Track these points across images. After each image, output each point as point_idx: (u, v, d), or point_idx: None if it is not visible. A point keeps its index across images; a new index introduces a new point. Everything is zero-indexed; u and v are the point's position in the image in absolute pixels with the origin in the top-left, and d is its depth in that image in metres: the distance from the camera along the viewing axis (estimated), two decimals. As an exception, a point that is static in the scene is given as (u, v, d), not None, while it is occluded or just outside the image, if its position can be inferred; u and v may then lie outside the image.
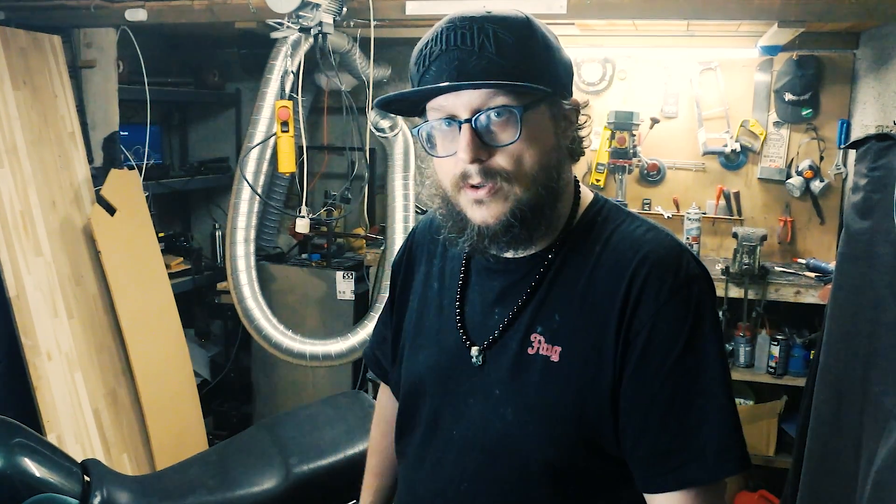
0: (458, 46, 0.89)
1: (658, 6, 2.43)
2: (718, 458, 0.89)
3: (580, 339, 0.93)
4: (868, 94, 2.87)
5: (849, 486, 1.74)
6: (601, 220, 0.99)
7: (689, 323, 0.90)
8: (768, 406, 2.90)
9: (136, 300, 2.78)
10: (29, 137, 2.56)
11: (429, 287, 1.11)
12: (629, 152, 3.06)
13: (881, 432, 1.61)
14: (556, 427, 0.93)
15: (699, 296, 0.91)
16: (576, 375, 0.92)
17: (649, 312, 0.90)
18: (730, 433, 0.90)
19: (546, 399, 0.93)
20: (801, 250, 3.17)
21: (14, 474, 1.33)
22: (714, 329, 0.91)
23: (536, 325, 0.96)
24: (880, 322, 1.68)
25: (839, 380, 1.85)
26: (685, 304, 0.90)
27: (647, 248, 0.93)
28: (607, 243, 0.96)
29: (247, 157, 2.95)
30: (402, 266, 1.17)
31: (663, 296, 0.90)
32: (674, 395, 0.89)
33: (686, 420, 0.89)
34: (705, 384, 0.89)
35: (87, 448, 2.48)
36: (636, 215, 1.00)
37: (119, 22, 2.80)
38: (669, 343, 0.89)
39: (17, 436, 1.40)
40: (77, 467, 1.45)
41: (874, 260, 1.72)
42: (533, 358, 0.95)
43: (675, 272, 0.91)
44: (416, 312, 1.11)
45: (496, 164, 0.90)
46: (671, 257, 0.92)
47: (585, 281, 0.94)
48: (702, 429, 0.89)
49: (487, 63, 0.88)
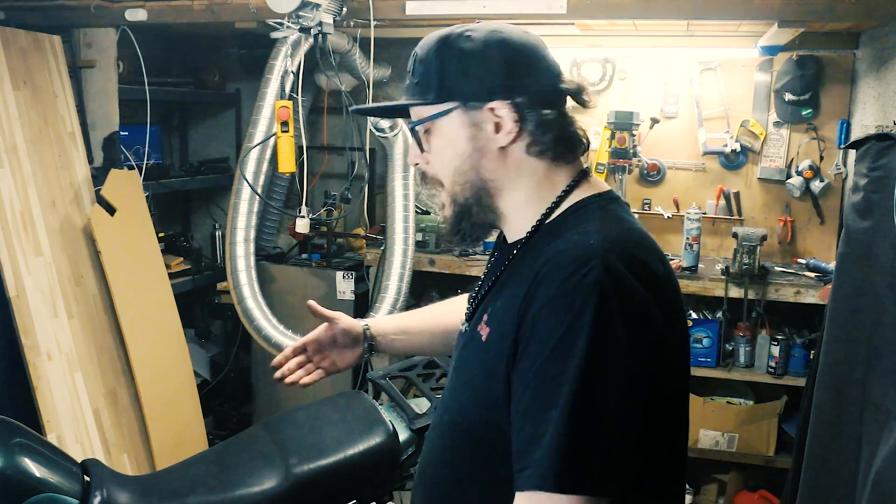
0: (408, 70, 1.06)
1: (658, 6, 2.43)
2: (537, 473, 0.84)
3: (501, 324, 0.97)
4: (868, 94, 2.87)
5: (849, 485, 1.74)
6: (572, 218, 0.99)
7: (562, 330, 0.86)
8: (768, 406, 2.90)
9: (136, 300, 2.78)
10: (29, 137, 2.56)
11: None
12: (629, 152, 3.05)
13: (881, 432, 1.61)
14: (479, 400, 0.99)
15: (583, 304, 0.86)
16: (491, 356, 0.97)
17: (533, 312, 0.89)
18: (571, 451, 0.83)
19: (472, 373, 1.02)
20: (801, 250, 3.17)
21: (14, 474, 1.33)
22: (593, 343, 0.84)
23: (488, 307, 1.03)
24: (880, 322, 1.68)
25: (839, 380, 1.84)
26: (564, 310, 0.86)
27: (562, 246, 0.92)
28: (555, 240, 0.97)
29: (247, 157, 2.95)
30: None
31: (548, 297, 0.88)
32: (533, 397, 0.87)
33: (538, 426, 0.86)
34: (561, 396, 0.84)
35: (87, 448, 2.48)
36: (608, 219, 0.97)
37: (119, 22, 2.81)
38: (541, 344, 0.87)
39: (17, 436, 1.40)
40: (77, 467, 1.45)
41: (874, 260, 1.72)
42: (476, 337, 1.02)
43: (570, 275, 0.87)
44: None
45: (428, 168, 1.07)
46: (575, 260, 0.89)
47: (518, 272, 1.00)
48: (546, 437, 0.84)
49: (408, 85, 1.06)
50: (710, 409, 2.92)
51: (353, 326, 1.39)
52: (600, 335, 0.85)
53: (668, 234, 3.26)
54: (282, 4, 2.34)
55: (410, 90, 1.05)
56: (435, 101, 1.02)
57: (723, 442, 2.92)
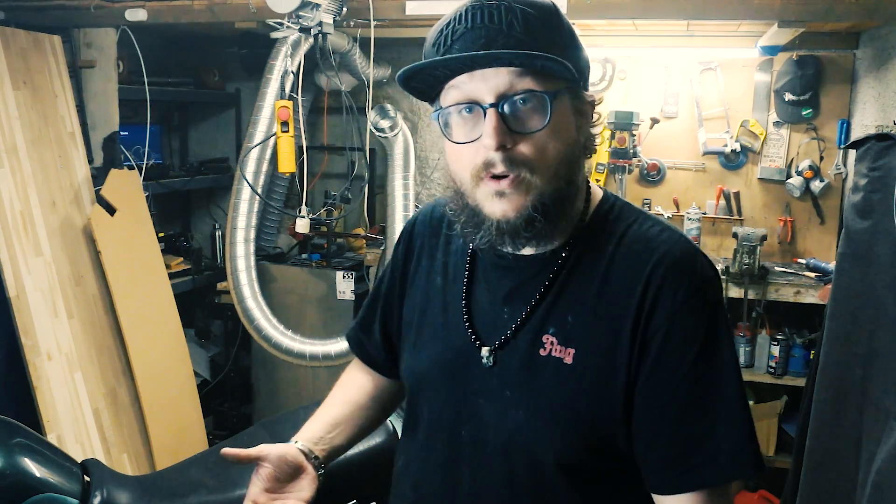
0: (484, 24, 0.85)
1: (658, 6, 2.43)
2: (732, 461, 0.88)
3: (594, 342, 0.91)
4: (868, 94, 2.87)
5: (849, 485, 1.74)
6: (613, 218, 0.97)
7: (705, 326, 0.89)
8: (768, 406, 2.90)
9: (136, 300, 2.78)
10: (29, 137, 2.56)
11: (432, 282, 1.07)
12: (629, 152, 3.05)
13: (881, 432, 1.61)
14: (569, 430, 0.91)
15: (714, 299, 0.91)
16: (589, 378, 0.90)
17: (666, 315, 0.88)
18: (744, 436, 0.89)
19: (559, 402, 0.92)
20: (801, 250, 3.17)
21: (14, 474, 1.32)
22: (727, 332, 0.91)
23: (548, 326, 0.93)
24: (880, 322, 1.68)
25: (839, 380, 1.85)
26: (701, 307, 0.89)
27: (663, 248, 0.91)
28: (620, 242, 0.94)
29: (247, 157, 2.95)
30: (401, 256, 1.14)
31: (680, 298, 0.89)
32: (689, 398, 0.89)
33: (701, 423, 0.89)
34: (720, 387, 0.89)
35: (87, 448, 2.48)
36: (648, 214, 0.98)
37: (119, 22, 2.81)
38: (685, 346, 0.88)
39: (17, 436, 1.40)
40: (77, 467, 1.45)
41: (874, 260, 1.72)
42: (545, 360, 0.93)
43: (691, 275, 0.90)
44: (419, 308, 1.08)
45: (521, 152, 0.86)
46: (687, 259, 0.91)
47: (599, 281, 0.92)
48: (716, 431, 0.88)
49: (516, 43, 0.84)
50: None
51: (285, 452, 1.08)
52: (728, 321, 0.93)
53: (668, 234, 3.26)
54: (282, 4, 2.34)
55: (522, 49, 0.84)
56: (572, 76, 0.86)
57: (723, 442, 2.91)
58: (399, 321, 1.13)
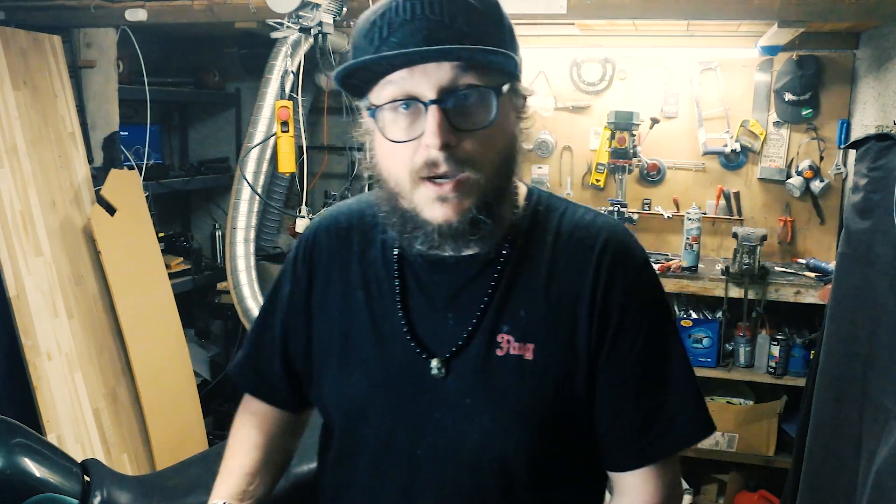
0: (425, 16, 0.80)
1: (658, 6, 2.43)
2: (688, 427, 0.93)
3: (552, 333, 0.90)
4: (868, 94, 2.87)
5: (849, 485, 1.75)
6: (543, 209, 0.96)
7: (654, 303, 0.93)
8: (768, 406, 2.90)
9: (136, 300, 2.78)
10: (29, 137, 2.56)
11: (351, 298, 0.98)
12: (629, 152, 3.05)
13: (881, 432, 1.61)
14: (537, 425, 0.90)
15: (655, 277, 0.96)
16: (553, 370, 0.90)
17: (620, 295, 0.90)
18: (695, 401, 0.94)
19: (526, 400, 0.89)
20: (801, 250, 3.17)
21: (14, 474, 1.33)
22: (669, 307, 0.97)
23: (502, 325, 0.90)
24: (880, 322, 1.68)
25: (839, 380, 1.85)
26: (649, 284, 0.94)
27: (605, 233, 0.93)
28: (559, 232, 0.93)
29: (247, 157, 2.95)
30: (303, 276, 1.03)
31: (630, 278, 0.92)
32: (644, 373, 0.92)
33: (658, 394, 0.92)
34: (672, 358, 0.93)
35: (87, 448, 2.48)
36: (572, 202, 0.99)
37: (119, 22, 2.81)
38: (640, 322, 0.91)
39: (17, 436, 1.40)
40: (77, 467, 1.45)
41: (874, 260, 1.72)
42: (504, 360, 0.89)
43: (635, 255, 0.94)
44: (340, 328, 0.98)
45: (465, 150, 0.82)
46: (629, 242, 0.94)
47: (546, 273, 0.91)
48: (670, 401, 0.92)
49: (460, 36, 0.79)
50: (710, 409, 2.86)
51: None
52: (667, 300, 0.98)
53: (668, 234, 3.26)
54: (282, 4, 2.34)
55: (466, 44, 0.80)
56: (517, 71, 0.85)
57: (723, 442, 2.92)
58: (308, 348, 1.02)
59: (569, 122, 3.33)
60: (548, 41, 3.20)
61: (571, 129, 3.33)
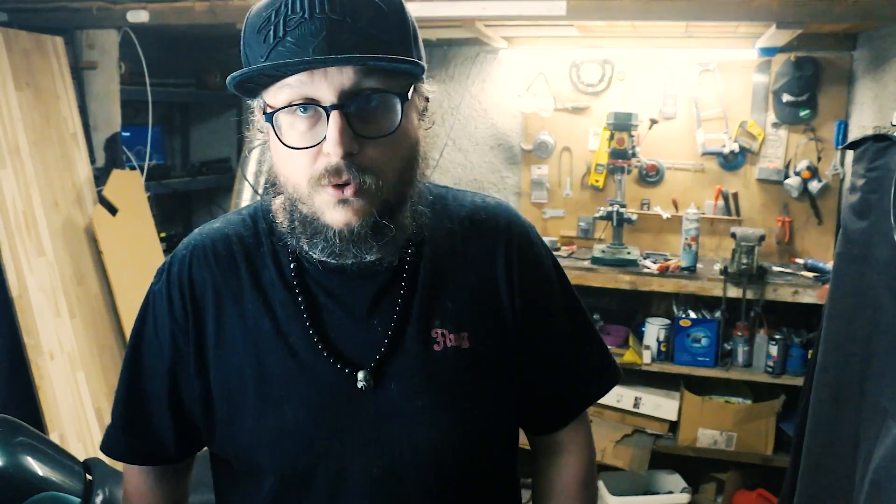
0: (325, 14, 0.74)
1: (657, 8, 2.44)
2: (605, 374, 1.01)
3: (481, 319, 0.90)
4: (865, 95, 2.88)
5: (846, 485, 1.75)
6: (433, 198, 0.93)
7: (554, 265, 0.99)
8: (766, 405, 2.91)
9: (137, 300, 2.78)
10: (31, 138, 2.57)
11: (256, 329, 0.88)
12: (628, 153, 3.06)
13: (878, 431, 1.62)
14: (485, 410, 0.90)
15: (542, 239, 1.00)
16: (490, 354, 0.90)
17: (531, 268, 0.95)
18: (605, 348, 1.02)
19: (471, 387, 0.88)
20: (799, 250, 3.18)
21: (16, 473, 1.33)
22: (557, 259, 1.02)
23: (434, 320, 0.87)
24: (878, 322, 1.69)
25: (837, 379, 1.86)
26: (546, 251, 0.99)
27: (502, 214, 0.96)
28: (458, 220, 0.93)
29: (248, 157, 2.96)
30: (180, 317, 0.91)
31: (533, 252, 0.96)
32: (570, 332, 0.98)
33: (581, 349, 0.99)
34: (582, 311, 1.00)
35: (90, 447, 2.49)
36: (451, 187, 1.00)
37: (121, 23, 2.82)
38: (551, 288, 0.97)
39: (20, 435, 1.41)
40: (79, 466, 1.46)
41: (871, 260, 1.73)
42: (443, 353, 0.87)
43: (528, 227, 0.98)
44: (250, 363, 0.87)
45: (368, 157, 0.77)
46: (519, 217, 0.99)
47: (461, 260, 0.91)
48: (587, 357, 1.00)
49: (364, 38, 0.74)
50: (709, 409, 2.93)
51: None
52: None
53: (666, 234, 3.27)
54: (283, 6, 2.35)
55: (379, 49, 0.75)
56: (420, 76, 0.82)
57: (721, 441, 2.93)
58: (207, 395, 0.90)
59: (568, 123, 3.34)
60: (547, 42, 3.21)
61: (570, 130, 3.35)
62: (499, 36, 3.10)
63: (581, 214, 3.36)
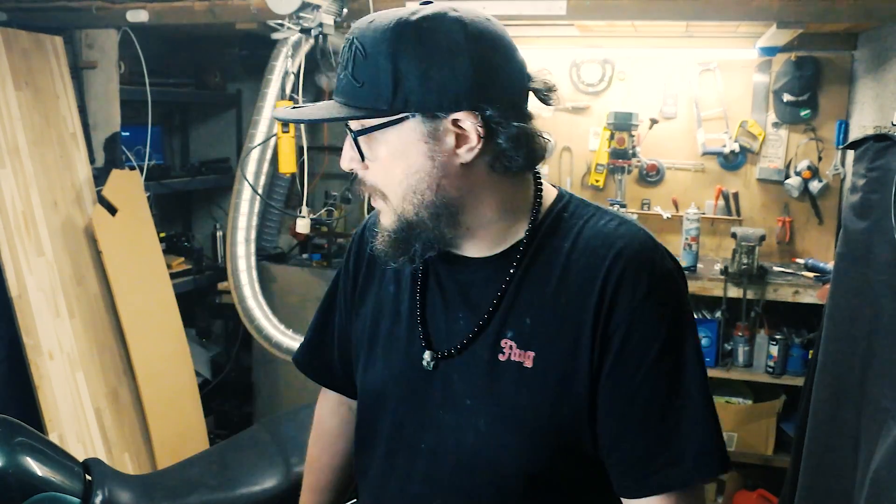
0: (342, 59, 0.89)
1: (657, 7, 2.43)
2: (697, 462, 0.87)
3: (554, 343, 0.88)
4: (866, 94, 2.88)
5: (847, 485, 1.75)
6: (567, 215, 0.94)
7: (667, 322, 0.87)
8: (767, 405, 2.91)
9: (137, 300, 2.79)
10: (31, 138, 2.57)
11: (384, 291, 1.03)
12: (628, 153, 3.06)
13: (879, 431, 1.62)
14: (532, 436, 0.89)
15: (676, 293, 0.89)
16: (551, 381, 0.88)
17: (626, 310, 0.86)
18: (709, 435, 0.88)
19: (521, 408, 0.89)
20: (800, 250, 3.18)
21: (16, 473, 1.33)
22: (691, 327, 0.90)
23: (507, 330, 0.90)
24: (878, 322, 1.69)
25: (837, 379, 1.85)
26: (663, 302, 0.88)
27: (620, 243, 0.89)
28: (577, 239, 0.91)
29: (247, 157, 2.96)
30: (352, 267, 1.10)
31: (640, 293, 0.86)
32: (652, 397, 0.87)
33: (665, 422, 0.87)
34: (684, 385, 0.87)
35: (89, 447, 2.49)
36: (606, 209, 0.95)
37: (120, 23, 2.81)
38: (647, 342, 0.86)
39: (19, 435, 1.41)
40: (78, 466, 1.46)
41: (872, 260, 1.73)
42: (505, 365, 0.90)
43: (652, 268, 0.88)
44: (371, 318, 1.03)
45: (367, 177, 0.91)
46: (646, 253, 0.89)
47: (557, 280, 0.90)
48: (681, 431, 0.87)
49: (346, 83, 0.87)
50: (709, 409, 2.92)
51: None
52: (691, 316, 0.91)
53: (667, 234, 3.27)
54: (282, 6, 2.35)
55: (352, 92, 0.86)
56: (387, 111, 0.84)
57: (722, 441, 2.92)
58: (350, 335, 1.10)
59: (568, 123, 3.34)
60: (547, 42, 3.21)
61: (571, 130, 3.34)
62: (499, 35, 3.09)
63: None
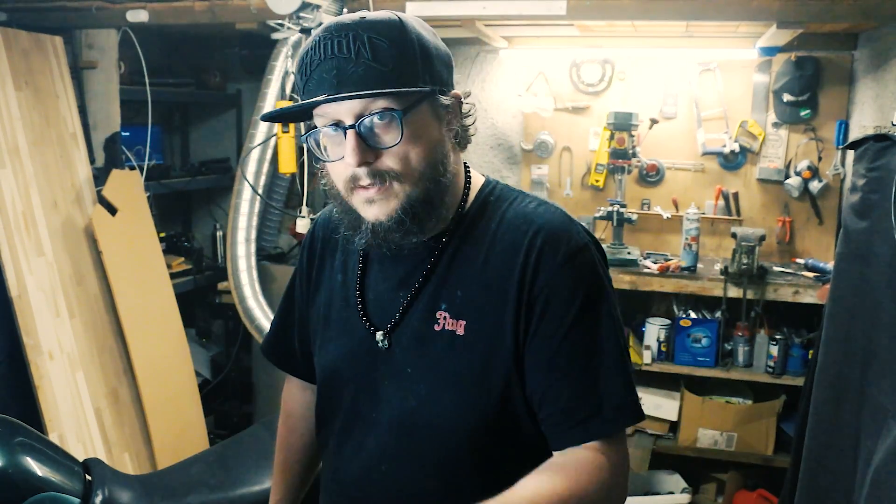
0: (335, 55, 0.92)
1: (657, 7, 2.44)
2: (616, 413, 0.97)
3: (483, 312, 0.99)
4: (866, 94, 2.88)
5: (847, 484, 1.75)
6: (493, 200, 1.05)
7: (584, 286, 0.98)
8: (767, 405, 2.91)
9: (137, 300, 2.79)
10: (31, 138, 2.57)
11: (334, 280, 1.14)
12: (628, 153, 3.06)
13: (879, 431, 1.62)
14: (467, 396, 0.99)
15: (591, 261, 1.00)
16: (481, 345, 0.98)
17: (546, 278, 0.97)
18: (624, 388, 0.98)
19: (455, 369, 0.99)
20: (800, 250, 3.18)
21: (16, 473, 1.34)
22: (605, 291, 1.00)
23: (441, 303, 1.01)
24: (878, 321, 1.69)
25: (837, 379, 1.86)
26: (578, 269, 0.98)
27: (539, 221, 1.00)
28: (502, 221, 1.02)
29: (247, 157, 2.96)
30: (305, 262, 1.21)
31: (558, 262, 0.97)
32: (573, 354, 0.97)
33: (584, 378, 0.97)
34: (599, 344, 0.98)
35: (89, 447, 2.49)
36: (528, 194, 1.07)
37: (120, 23, 2.81)
38: (565, 306, 0.97)
39: (19, 435, 1.41)
40: (78, 466, 1.46)
41: (872, 260, 1.73)
42: (440, 334, 1.00)
43: (567, 241, 0.99)
44: (324, 305, 1.15)
45: (383, 164, 0.94)
46: (563, 228, 1.00)
47: (484, 257, 1.00)
48: (598, 386, 0.97)
49: (365, 70, 0.91)
50: (709, 409, 2.93)
51: None
52: (607, 282, 1.01)
53: (667, 234, 3.27)
54: (282, 6, 2.35)
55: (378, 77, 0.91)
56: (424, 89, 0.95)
57: (721, 441, 2.93)
58: (308, 323, 1.20)
59: (568, 123, 3.34)
60: (547, 42, 3.21)
61: (571, 130, 3.34)
62: (499, 35, 3.10)
63: (581, 214, 3.36)
